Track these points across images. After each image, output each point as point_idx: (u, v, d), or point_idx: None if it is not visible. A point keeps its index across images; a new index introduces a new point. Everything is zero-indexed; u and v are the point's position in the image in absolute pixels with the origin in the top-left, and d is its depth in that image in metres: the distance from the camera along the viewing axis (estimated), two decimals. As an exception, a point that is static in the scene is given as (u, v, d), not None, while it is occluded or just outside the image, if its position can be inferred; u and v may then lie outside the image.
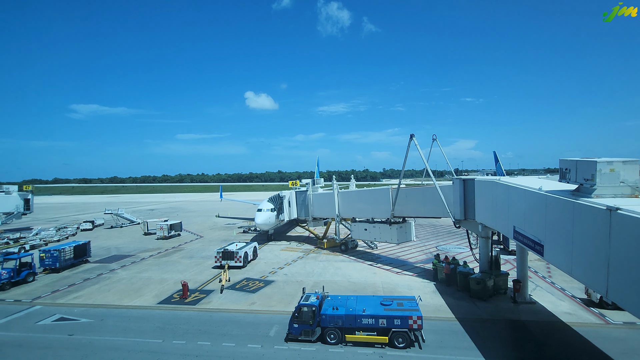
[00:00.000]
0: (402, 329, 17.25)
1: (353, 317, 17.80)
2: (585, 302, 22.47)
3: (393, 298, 19.69)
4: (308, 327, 17.97)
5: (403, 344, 17.18)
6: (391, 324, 17.41)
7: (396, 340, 17.29)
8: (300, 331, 18.05)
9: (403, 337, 17.25)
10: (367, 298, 20.34)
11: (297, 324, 18.15)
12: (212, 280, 29.38)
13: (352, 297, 20.34)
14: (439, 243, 43.56)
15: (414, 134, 27.30)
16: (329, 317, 18.00)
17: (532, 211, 16.35)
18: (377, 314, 17.72)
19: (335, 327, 17.93)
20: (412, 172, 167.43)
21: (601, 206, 11.37)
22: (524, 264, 23.15)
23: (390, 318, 17.47)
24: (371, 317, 17.65)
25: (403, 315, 17.46)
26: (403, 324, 17.28)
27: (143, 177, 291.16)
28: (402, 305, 18.40)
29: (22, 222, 64.42)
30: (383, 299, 19.41)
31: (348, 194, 40.23)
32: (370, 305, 18.73)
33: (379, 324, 17.55)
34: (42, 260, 32.73)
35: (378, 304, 18.82)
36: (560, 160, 15.10)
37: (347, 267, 32.77)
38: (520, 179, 23.04)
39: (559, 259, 14.29)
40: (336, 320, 17.92)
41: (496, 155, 56.01)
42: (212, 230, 57.59)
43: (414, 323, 17.20)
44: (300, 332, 18.05)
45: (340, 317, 17.90)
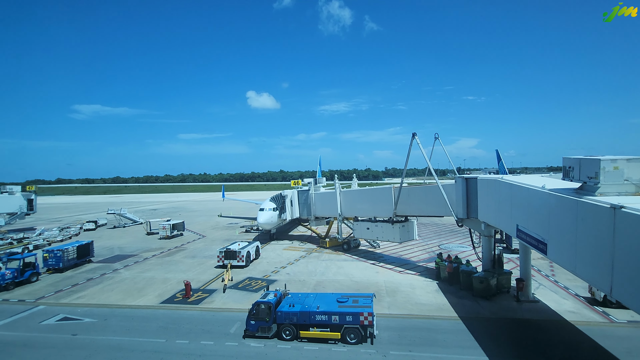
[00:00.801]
0: (354, 325, 17.77)
1: (307, 313, 18.31)
2: (589, 301, 22.37)
3: (349, 295, 20.32)
4: (264, 323, 18.53)
5: (355, 340, 17.69)
6: (343, 320, 17.93)
7: (348, 336, 17.81)
8: (257, 328, 18.63)
9: (355, 333, 17.76)
10: (326, 295, 20.92)
11: (254, 320, 18.68)
12: (214, 279, 29.44)
13: (311, 294, 21.07)
14: (442, 242, 43.47)
15: (416, 133, 27.25)
16: (284, 314, 18.55)
17: (536, 210, 16.27)
18: (330, 311, 18.25)
19: (290, 323, 18.46)
20: (414, 171, 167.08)
21: (605, 204, 11.29)
22: (527, 263, 23.08)
23: (343, 314, 17.99)
24: (324, 314, 18.16)
25: (354, 311, 17.95)
26: (355, 320, 17.79)
27: (145, 177, 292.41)
28: (357, 302, 18.96)
29: (26, 223, 64.77)
30: (340, 296, 19.99)
31: (350, 193, 40.18)
32: (327, 302, 19.31)
33: (331, 320, 18.08)
34: (46, 260, 32.90)
35: (334, 301, 19.39)
36: (563, 159, 15.03)
37: (349, 266, 32.76)
38: (523, 178, 22.93)
39: (562, 258, 14.22)
40: (291, 317, 18.44)
41: (498, 153, 55.82)
42: (215, 230, 57.71)
43: (365, 319, 17.71)
44: (257, 328, 18.62)
45: (295, 313, 18.44)
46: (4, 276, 27.97)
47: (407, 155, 28.63)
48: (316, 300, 19.70)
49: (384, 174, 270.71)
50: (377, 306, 22.43)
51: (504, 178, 21.66)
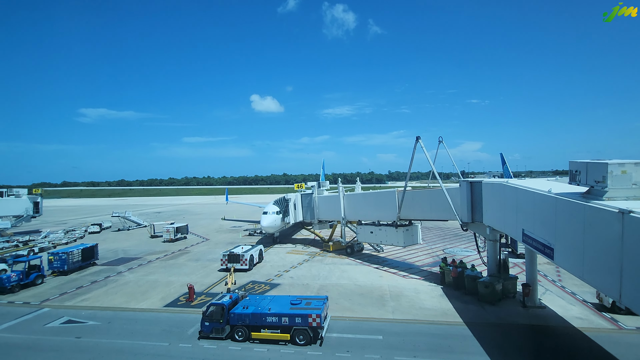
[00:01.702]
0: (303, 327, 18.18)
1: (259, 315, 18.73)
2: (597, 307, 22.03)
3: (303, 298, 20.63)
4: (218, 325, 18.92)
5: (304, 341, 18.09)
6: (293, 322, 18.35)
7: (297, 337, 18.23)
8: (211, 329, 19.00)
9: (304, 334, 18.16)
10: (281, 298, 21.35)
11: (207, 322, 19.05)
12: (218, 283, 29.42)
13: (269, 297, 21.65)
14: (446, 246, 43.15)
15: (420, 136, 27.13)
16: (237, 316, 18.99)
17: (542, 214, 16.09)
18: (280, 313, 18.65)
19: (243, 325, 18.89)
20: (418, 175, 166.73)
21: (613, 209, 11.13)
22: (533, 268, 22.80)
23: (292, 316, 18.40)
24: (275, 316, 18.59)
25: (303, 313, 18.33)
26: (303, 321, 18.19)
27: (150, 180, 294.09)
28: (310, 305, 19.32)
29: (32, 225, 65.28)
30: (295, 299, 20.31)
31: (354, 197, 40.08)
32: (280, 304, 19.70)
33: (282, 322, 18.49)
34: (51, 262, 33.10)
35: (288, 303, 19.76)
36: (569, 162, 14.88)
37: (353, 270, 32.59)
38: (529, 181, 22.77)
39: (569, 263, 14.03)
40: (244, 319, 18.89)
41: (503, 157, 55.49)
42: (218, 233, 57.79)
43: (313, 321, 18.09)
44: (211, 329, 18.99)
45: (247, 315, 18.88)
46: (10, 278, 28.16)
47: (411, 159, 28.55)
48: (271, 302, 20.15)
49: (388, 178, 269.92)
50: (381, 311, 22.40)
51: (509, 182, 21.51)
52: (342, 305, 23.50)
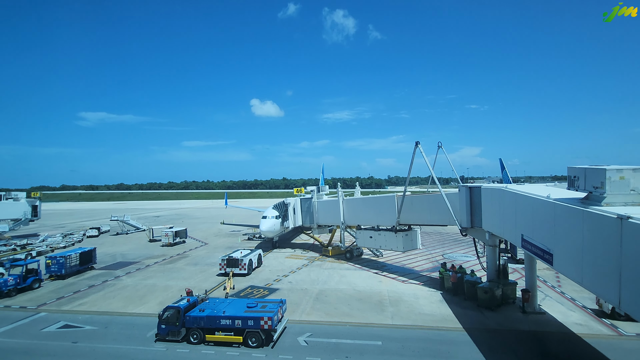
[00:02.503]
0: (255, 329, 18.49)
1: (213, 318, 19.01)
2: (596, 313, 21.96)
3: (259, 301, 21.05)
4: (174, 327, 19.22)
5: (256, 344, 18.42)
6: (245, 324, 18.65)
7: (250, 339, 18.55)
8: (167, 331, 19.29)
9: (256, 336, 18.51)
10: (239, 301, 21.64)
11: (164, 324, 19.32)
12: (216, 287, 29.27)
13: (228, 300, 22.11)
14: (446, 251, 43.07)
15: (419, 141, 27.23)
16: (192, 318, 19.25)
17: (541, 219, 16.11)
18: (234, 315, 18.93)
19: (198, 327, 19.15)
20: (417, 179, 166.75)
21: (611, 215, 11.16)
22: (532, 273, 22.75)
23: (245, 319, 18.69)
24: (229, 318, 18.89)
25: (256, 316, 18.64)
26: (256, 324, 18.51)
27: (149, 184, 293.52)
28: (266, 307, 19.66)
29: (30, 229, 65.03)
30: (251, 302, 20.63)
31: (353, 201, 40.08)
32: (236, 307, 19.96)
33: (235, 324, 18.78)
34: (48, 266, 32.89)
35: (244, 306, 20.02)
36: (568, 168, 14.93)
37: (352, 275, 32.49)
38: (528, 187, 22.78)
39: (569, 269, 14.01)
40: (199, 321, 19.16)
41: (502, 162, 55.55)
42: (217, 237, 57.63)
43: (265, 324, 18.40)
44: (167, 332, 19.28)
45: (202, 318, 19.16)
46: (7, 282, 27.98)
47: (410, 164, 28.62)
48: (228, 305, 20.38)
49: (387, 182, 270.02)
50: (380, 316, 22.29)
51: (508, 187, 21.53)
52: (341, 311, 23.38)
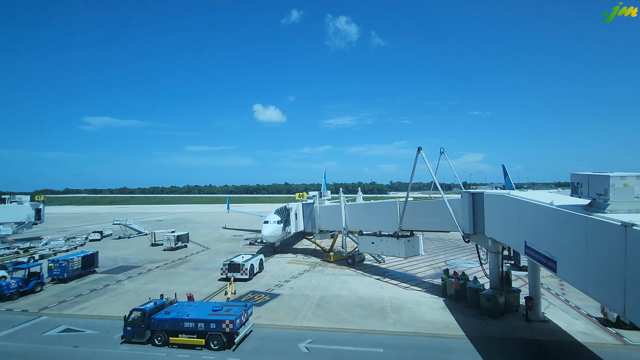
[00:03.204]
0: (217, 332, 18.82)
1: (177, 320, 19.43)
2: (601, 322, 21.68)
3: (224, 304, 21.39)
4: (139, 329, 19.64)
5: (217, 346, 18.77)
6: (208, 327, 19.01)
7: (212, 342, 18.88)
8: (132, 333, 19.65)
9: (218, 339, 18.83)
10: (205, 304, 22.10)
11: (130, 327, 19.74)
12: (217, 292, 29.19)
13: (195, 303, 22.49)
14: (448, 258, 42.80)
15: (421, 147, 27.22)
16: (157, 321, 19.66)
17: (544, 226, 16.00)
18: (197, 318, 19.30)
19: (162, 330, 19.55)
20: (419, 185, 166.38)
21: (616, 222, 11.08)
22: (536, 281, 22.52)
23: (208, 322, 19.06)
24: (192, 321, 19.26)
25: (218, 319, 18.97)
26: (217, 327, 18.84)
27: (152, 188, 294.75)
28: (230, 311, 19.99)
29: (33, 232, 65.30)
30: (217, 305, 20.97)
31: (355, 207, 40.01)
32: (201, 311, 20.38)
33: (198, 327, 19.14)
34: (51, 270, 32.99)
35: (210, 309, 20.40)
36: (571, 175, 14.87)
37: (354, 281, 32.30)
38: (531, 193, 22.67)
39: (573, 276, 13.88)
40: (163, 324, 19.57)
41: (505, 168, 55.43)
42: (219, 242, 57.59)
43: (227, 327, 18.72)
44: (133, 334, 19.64)
45: (166, 320, 19.56)
46: (9, 285, 28.06)
47: (413, 170, 28.58)
48: (194, 309, 20.79)
49: (389, 188, 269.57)
50: (381, 323, 22.11)
51: (511, 193, 21.44)
52: (343, 317, 23.22)
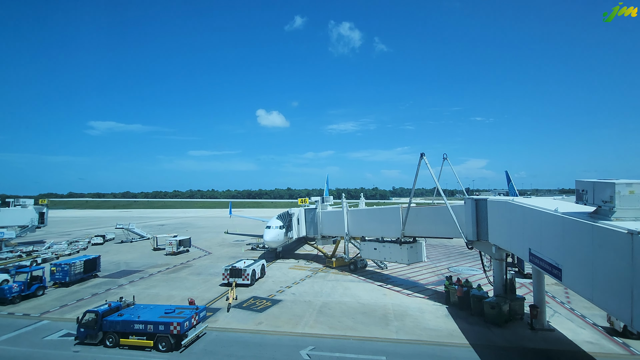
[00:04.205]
0: (165, 334, 19.19)
1: (128, 322, 19.83)
2: (607, 331, 21.34)
3: (177, 307, 21.74)
4: (92, 331, 20.03)
5: (165, 348, 19.10)
6: (156, 329, 19.39)
7: (160, 344, 19.23)
8: (85, 335, 20.03)
9: (166, 341, 19.17)
10: (159, 307, 22.45)
11: (83, 328, 20.10)
12: (219, 298, 29.06)
13: (150, 305, 22.96)
14: (451, 264, 42.45)
15: (424, 153, 27.14)
16: (109, 323, 20.04)
17: (549, 233, 15.85)
18: (147, 320, 19.69)
19: (114, 331, 19.92)
20: (422, 191, 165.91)
21: (622, 230, 10.95)
22: (540, 288, 22.26)
23: (157, 324, 19.43)
24: (142, 323, 19.65)
25: (166, 321, 19.36)
26: (165, 329, 19.22)
27: (154, 193, 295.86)
28: (182, 313, 20.36)
29: (36, 236, 65.51)
30: (171, 308, 21.40)
31: (357, 213, 39.87)
32: (154, 313, 20.79)
33: (147, 329, 19.52)
34: (53, 274, 32.98)
35: (162, 311, 20.83)
36: (576, 182, 14.76)
37: (356, 287, 32.07)
38: (535, 200, 22.52)
39: (578, 285, 13.70)
40: (114, 326, 19.95)
41: (508, 174, 55.18)
42: (221, 247, 57.50)
43: (174, 329, 19.10)
44: (86, 335, 20.02)
45: (118, 322, 19.96)
46: (12, 289, 28.06)
47: (416, 175, 28.47)
48: (147, 311, 21.29)
49: (392, 194, 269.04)
50: (384, 330, 21.87)
51: (515, 200, 21.31)
52: (345, 324, 23.01)
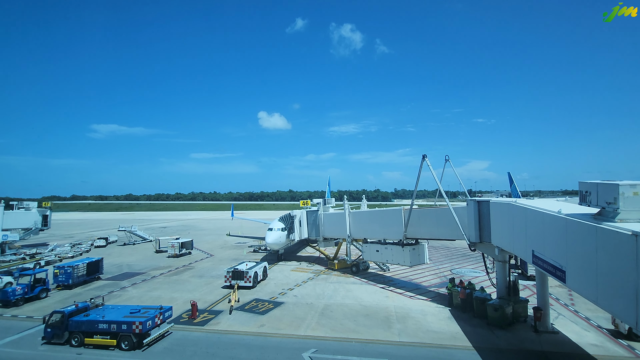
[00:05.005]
0: (127, 333, 19.64)
1: (92, 322, 20.25)
2: (612, 333, 21.15)
3: (142, 307, 22.23)
4: (58, 331, 20.42)
5: (128, 347, 19.57)
6: (119, 328, 19.81)
7: (123, 343, 19.68)
8: (52, 335, 20.42)
9: (128, 340, 19.62)
10: (125, 307, 23.07)
11: (49, 328, 20.50)
12: (221, 300, 29.04)
13: (118, 306, 23.59)
14: (454, 266, 42.26)
15: (426, 155, 27.10)
16: (75, 323, 20.47)
17: (552, 235, 15.75)
18: (111, 320, 20.09)
19: (79, 331, 20.33)
20: (424, 193, 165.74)
21: (626, 231, 10.87)
22: (544, 291, 22.10)
23: (120, 323, 19.85)
24: (106, 323, 20.05)
25: (128, 321, 19.79)
26: (128, 328, 19.67)
27: (157, 195, 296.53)
28: (147, 313, 20.80)
29: (39, 238, 65.85)
30: (136, 308, 21.94)
31: (359, 214, 39.82)
32: (119, 313, 21.28)
33: (111, 328, 19.93)
34: (56, 276, 33.11)
35: (127, 312, 21.30)
36: (579, 183, 14.70)
37: (358, 289, 31.98)
38: (537, 201, 22.40)
39: (583, 287, 13.59)
40: (80, 325, 20.35)
41: (511, 176, 54.96)
42: (223, 249, 57.54)
43: (137, 328, 19.52)
44: (52, 335, 20.40)
45: (83, 322, 20.36)
46: (15, 292, 28.18)
47: (417, 177, 28.40)
48: (115, 311, 21.79)
49: (394, 195, 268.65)
50: (387, 333, 21.78)
51: (518, 201, 21.21)
52: (347, 327, 22.93)
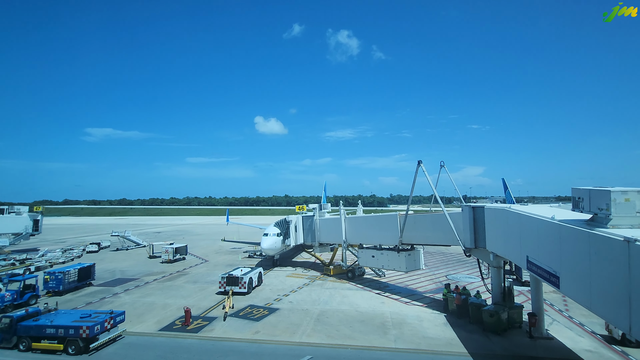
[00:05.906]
0: (74, 338, 19.65)
1: (41, 327, 20.23)
2: (606, 339, 21.26)
3: (93, 312, 22.36)
4: (7, 335, 20.45)
5: (74, 351, 19.61)
6: (67, 333, 19.81)
7: (70, 347, 19.69)
8: (1, 339, 20.48)
9: (75, 344, 19.69)
10: (76, 312, 23.40)
11: None
12: (215, 306, 28.72)
13: (71, 311, 23.83)
14: (449, 272, 42.31)
15: (421, 160, 27.24)
16: (23, 327, 20.44)
17: (546, 241, 15.88)
18: (58, 325, 20.10)
19: (27, 336, 20.32)
20: (419, 198, 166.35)
21: (618, 237, 11.01)
22: (539, 296, 22.20)
23: (67, 328, 19.87)
24: (54, 327, 20.04)
25: (76, 325, 19.78)
26: (75, 333, 19.68)
27: (151, 200, 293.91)
28: (97, 318, 20.91)
29: (30, 243, 64.72)
30: (86, 313, 22.02)
31: (355, 220, 39.81)
32: (68, 317, 21.34)
33: (58, 333, 19.92)
34: (46, 282, 32.51)
35: (77, 316, 21.39)
36: (572, 189, 14.88)
37: (354, 295, 31.84)
38: (531, 207, 22.61)
39: (576, 292, 13.69)
40: (28, 330, 20.36)
41: (505, 182, 55.47)
42: (218, 255, 57.06)
43: (84, 332, 19.56)
44: (1, 340, 20.47)
45: (31, 327, 20.37)
46: (4, 298, 27.63)
47: (413, 183, 28.53)
48: (66, 316, 21.80)
49: (389, 201, 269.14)
50: (382, 339, 21.67)
51: (512, 207, 21.37)
52: (343, 333, 22.78)
